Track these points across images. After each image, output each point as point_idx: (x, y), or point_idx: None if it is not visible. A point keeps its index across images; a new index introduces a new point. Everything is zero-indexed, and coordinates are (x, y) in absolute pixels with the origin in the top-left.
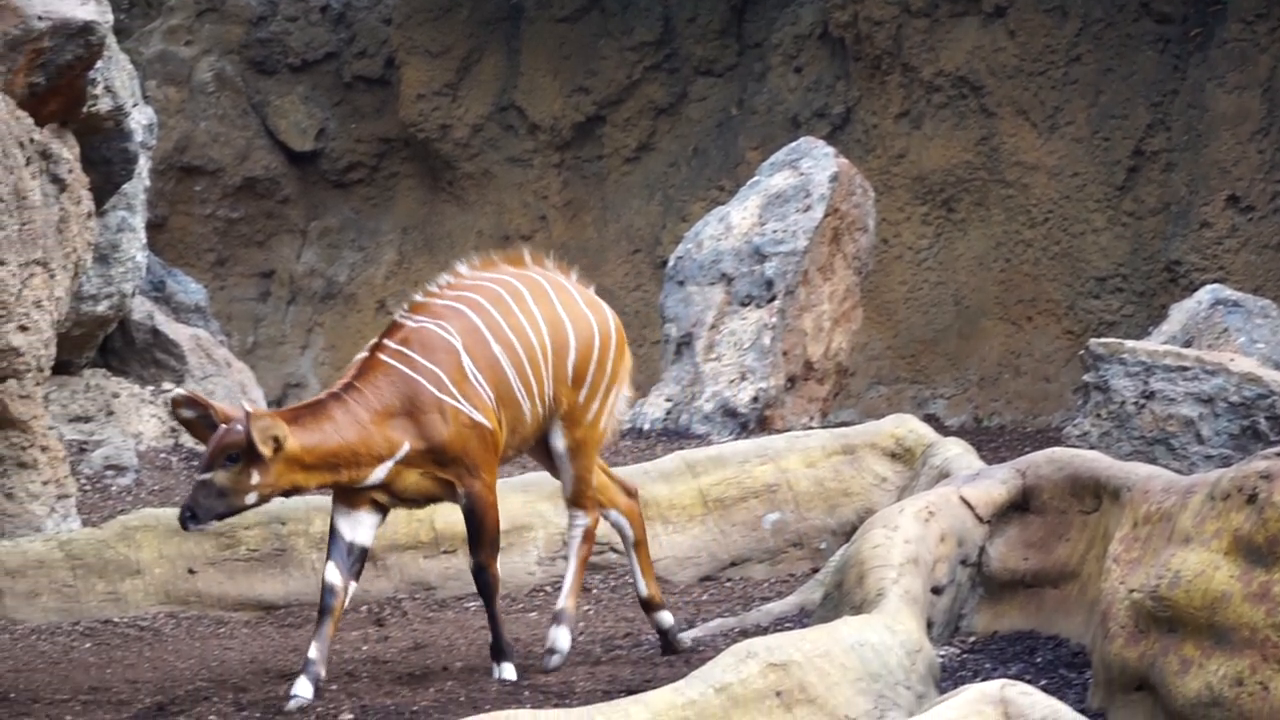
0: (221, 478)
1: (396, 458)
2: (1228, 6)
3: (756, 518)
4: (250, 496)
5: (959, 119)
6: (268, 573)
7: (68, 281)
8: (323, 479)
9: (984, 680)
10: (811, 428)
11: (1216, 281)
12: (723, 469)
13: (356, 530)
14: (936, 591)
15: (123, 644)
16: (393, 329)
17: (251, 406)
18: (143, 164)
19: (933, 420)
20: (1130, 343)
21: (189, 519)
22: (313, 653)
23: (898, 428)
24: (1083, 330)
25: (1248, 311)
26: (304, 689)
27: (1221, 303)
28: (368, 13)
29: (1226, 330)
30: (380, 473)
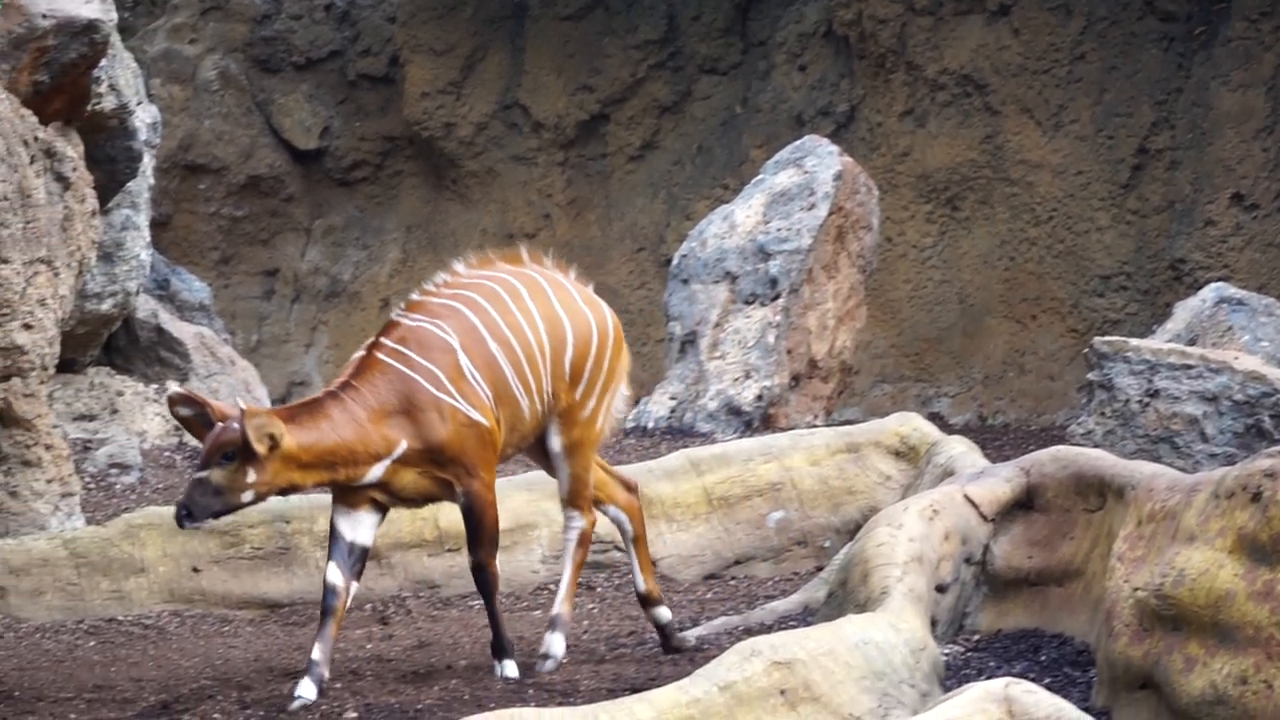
0: (218, 476)
1: (394, 456)
2: (1232, 5)
3: (761, 516)
4: (247, 495)
5: (963, 117)
6: (272, 571)
7: (72, 280)
8: (320, 477)
9: (988, 678)
10: (816, 426)
11: (1221, 279)
12: (727, 467)
13: (357, 530)
14: (941, 590)
15: (127, 642)
16: (390, 328)
17: (246, 404)
18: (147, 162)
19: (937, 418)
20: (1135, 341)
21: (185, 517)
22: (316, 654)
23: (902, 426)
24: (1087, 328)
25: (1252, 310)
26: (307, 690)
27: (1226, 301)
28: (372, 11)
29: (1231, 328)
30: (378, 471)
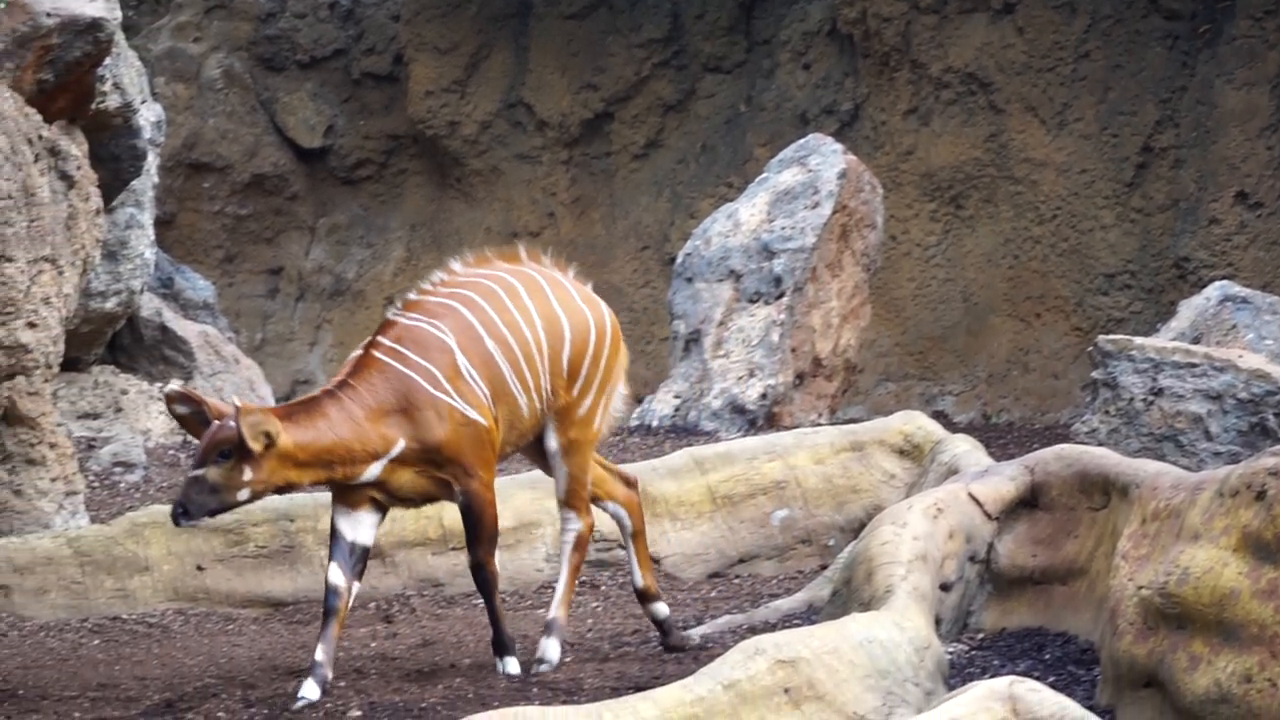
0: (214, 474)
1: (391, 455)
2: (1236, 3)
3: (765, 514)
4: (243, 493)
5: (967, 116)
6: (276, 569)
7: (76, 278)
8: (317, 476)
9: (992, 677)
10: (820, 424)
11: (1225, 278)
12: (731, 466)
13: (358, 530)
14: (945, 588)
15: (131, 641)
16: (386, 327)
17: (241, 402)
18: (151, 161)
19: (941, 417)
20: (1139, 339)
21: (181, 515)
22: (319, 655)
23: (906, 424)
24: (1091, 327)
25: (1256, 308)
26: (311, 691)
27: (1230, 299)
28: (376, 9)
29: (1235, 327)
30: (375, 470)
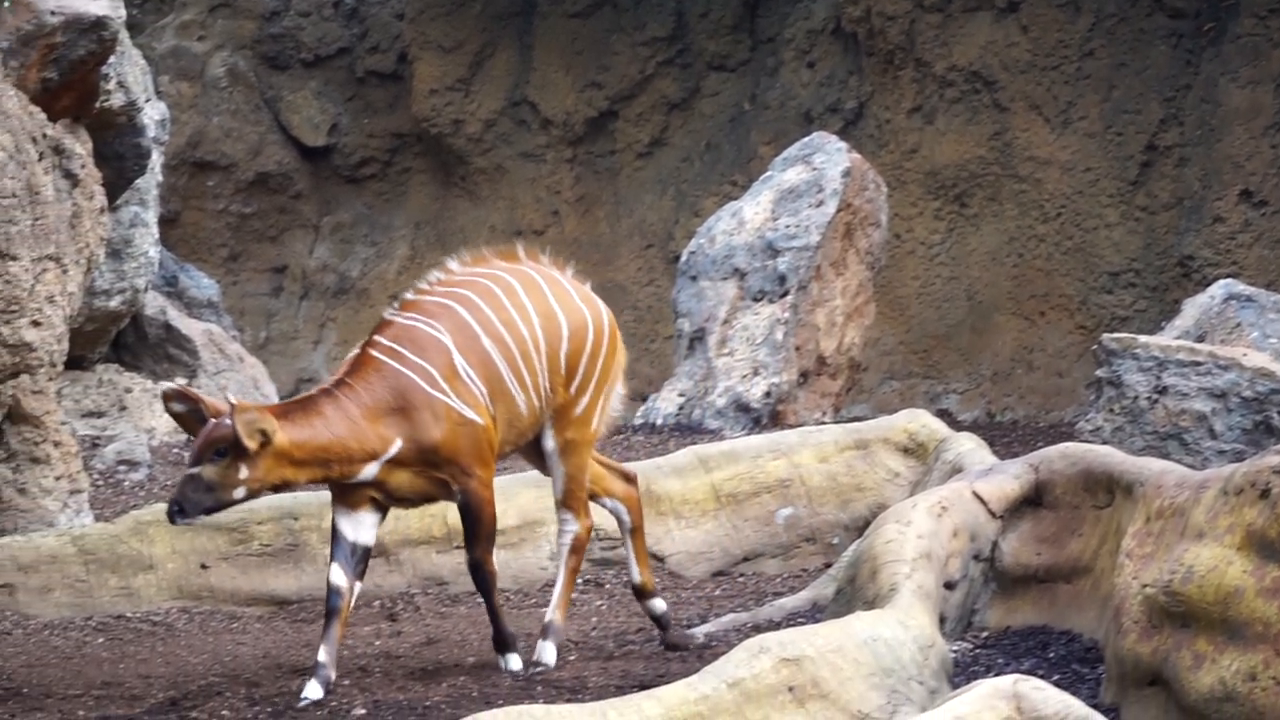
0: (209, 472)
1: (389, 455)
2: (1240, 1)
3: (769, 513)
4: (238, 491)
5: (972, 114)
6: (280, 568)
7: (80, 277)
8: (313, 474)
9: (997, 675)
10: (824, 423)
11: (1229, 276)
12: (735, 464)
13: (359, 530)
14: (949, 586)
15: (135, 639)
16: (383, 326)
17: (236, 399)
18: (155, 159)
19: (945, 415)
20: (1143, 338)
21: (176, 513)
22: (322, 655)
23: (910, 423)
24: (1095, 325)
25: (1261, 306)
26: (314, 692)
27: (1234, 298)
28: (380, 8)
29: (1239, 325)
30: (372, 469)
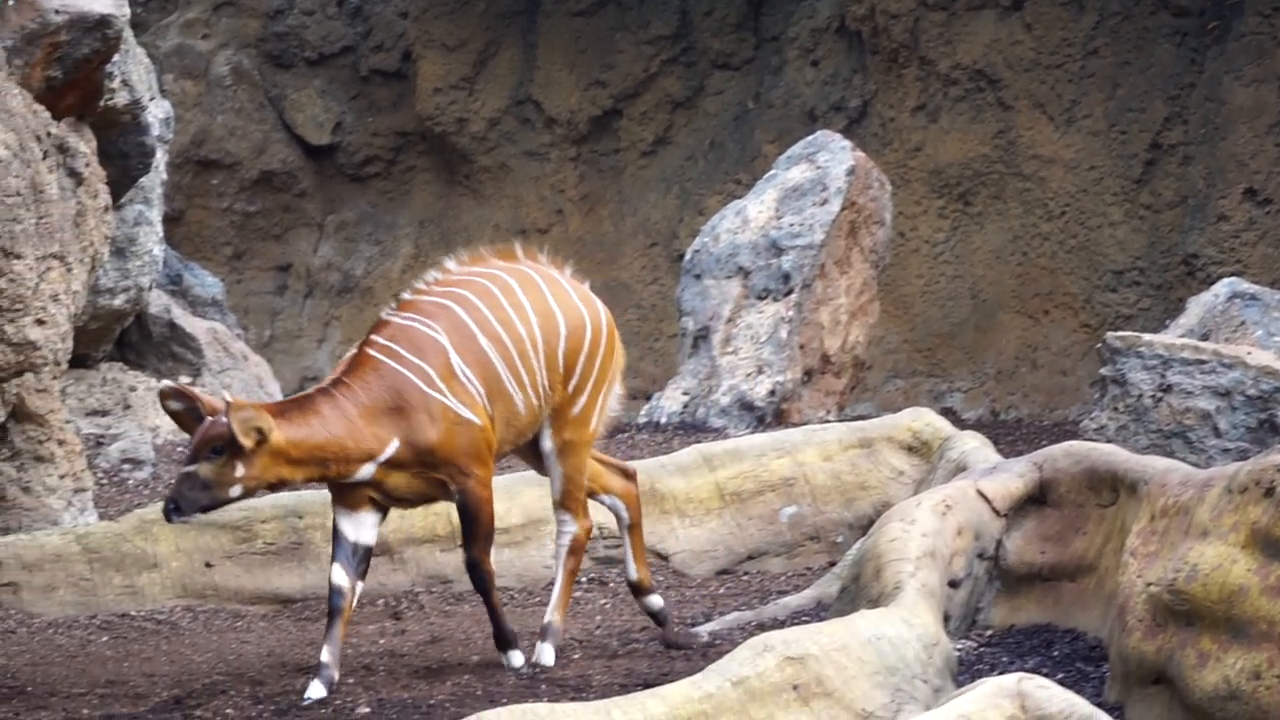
0: (206, 470)
1: (386, 455)
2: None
3: (773, 511)
4: (235, 489)
5: (976, 112)
6: (284, 566)
7: (85, 275)
8: (310, 473)
9: (1001, 674)
10: (828, 421)
11: (1234, 274)
12: (739, 462)
13: (360, 530)
14: (953, 585)
15: (140, 637)
16: (380, 326)
17: (232, 397)
18: (160, 158)
19: (949, 414)
20: (1147, 336)
21: (172, 511)
22: (325, 656)
23: (914, 421)
24: (1100, 323)
25: (1265, 305)
26: (317, 692)
27: (1239, 296)
28: (384, 6)
29: (1244, 323)
30: (369, 469)
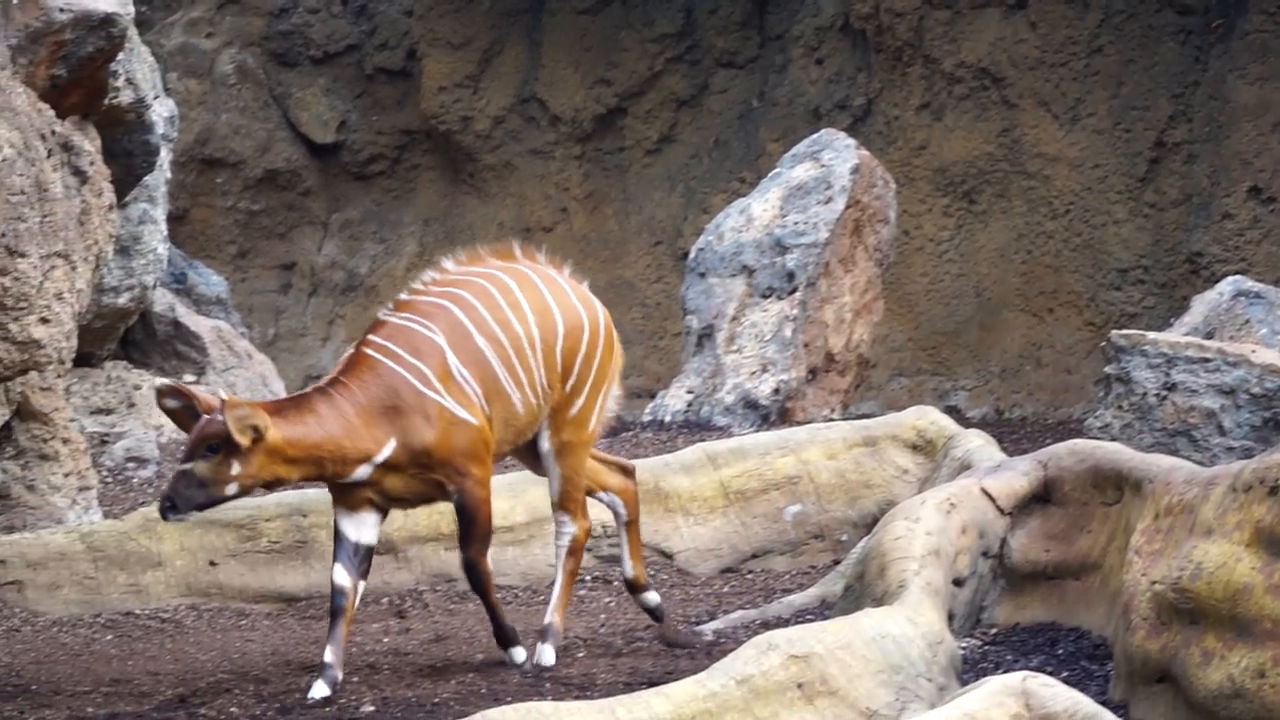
0: (202, 468)
1: (383, 456)
2: None
3: (778, 510)
4: (231, 487)
5: (980, 111)
6: (289, 565)
7: (89, 274)
8: (306, 472)
9: (1005, 672)
10: (833, 420)
11: (1238, 273)
12: (744, 461)
13: (361, 530)
14: (958, 583)
15: (144, 636)
16: (377, 326)
17: (228, 395)
18: (164, 156)
19: (954, 412)
20: (1152, 334)
21: (168, 509)
22: (328, 656)
23: (919, 419)
24: (1104, 322)
25: (1269, 303)
26: (321, 692)
27: (1243, 294)
28: (389, 5)
29: (1248, 322)
30: (366, 470)
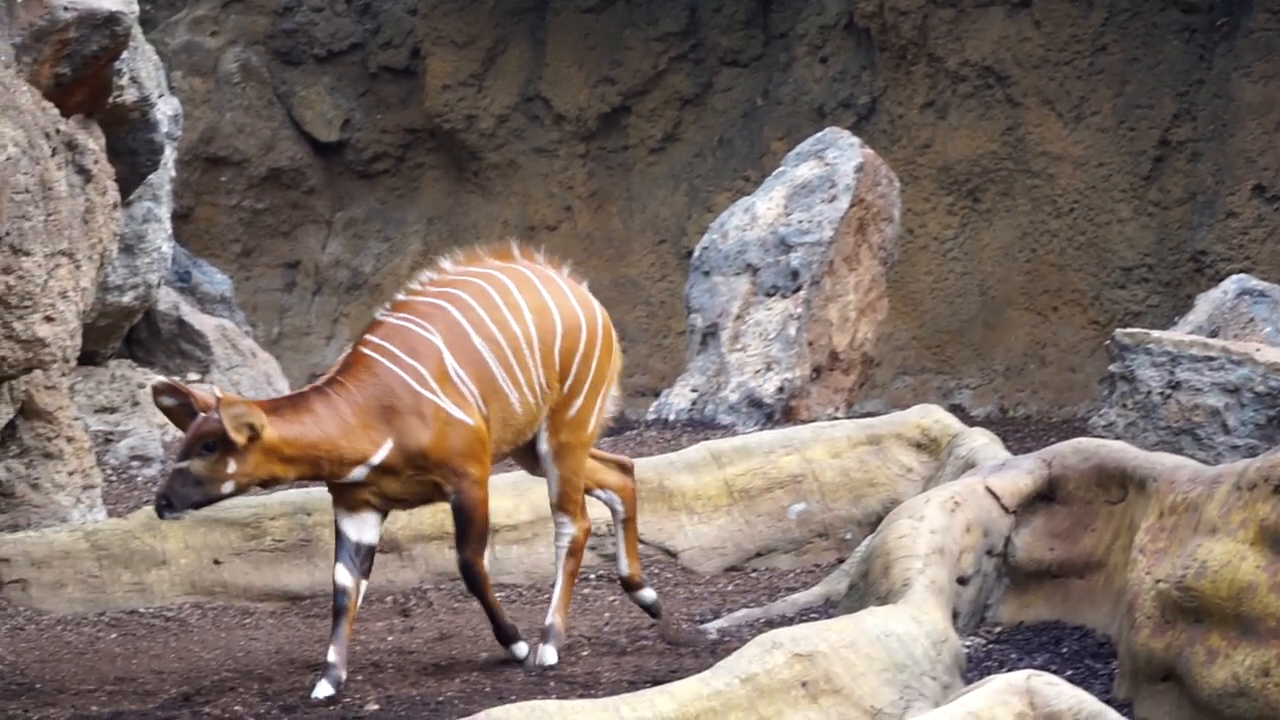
0: (198, 466)
1: (380, 457)
2: None
3: (782, 508)
4: (227, 486)
5: (984, 109)
6: (293, 563)
7: (93, 272)
8: (303, 471)
9: (1010, 671)
10: (837, 418)
11: (1242, 271)
12: (748, 459)
13: (362, 530)
14: (962, 582)
15: (148, 634)
16: (375, 326)
17: (223, 393)
18: (168, 155)
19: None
20: (1156, 333)
21: (165, 507)
22: (332, 656)
23: (923, 418)
24: (1108, 320)
25: (1274, 301)
26: (325, 692)
27: (1247, 292)
28: (393, 3)
29: (1252, 320)
30: (362, 471)
